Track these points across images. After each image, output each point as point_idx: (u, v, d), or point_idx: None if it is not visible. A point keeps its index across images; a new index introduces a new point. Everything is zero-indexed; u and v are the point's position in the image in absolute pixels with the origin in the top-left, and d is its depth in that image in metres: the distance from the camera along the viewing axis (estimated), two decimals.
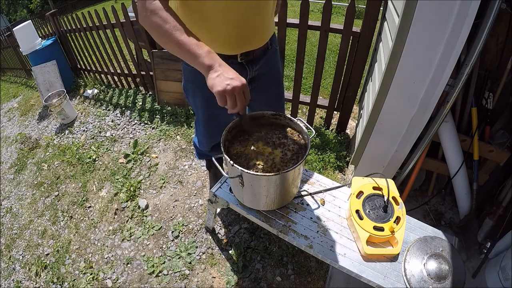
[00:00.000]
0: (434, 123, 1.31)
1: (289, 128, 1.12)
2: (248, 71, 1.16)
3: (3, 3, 19.16)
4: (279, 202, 1.16)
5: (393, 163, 1.51)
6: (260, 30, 1.08)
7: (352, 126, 2.46)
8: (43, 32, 3.98)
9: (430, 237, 1.09)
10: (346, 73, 2.06)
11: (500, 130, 1.48)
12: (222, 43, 1.04)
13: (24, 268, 1.91)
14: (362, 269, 1.03)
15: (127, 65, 3.20)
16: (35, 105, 3.92)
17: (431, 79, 1.13)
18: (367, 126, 1.43)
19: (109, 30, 2.99)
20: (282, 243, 1.68)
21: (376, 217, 1.07)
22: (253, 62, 1.15)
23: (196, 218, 1.91)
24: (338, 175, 2.08)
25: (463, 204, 1.59)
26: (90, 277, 1.72)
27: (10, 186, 2.64)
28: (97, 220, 2.05)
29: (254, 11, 0.99)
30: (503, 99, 1.45)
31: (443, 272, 0.98)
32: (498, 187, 1.48)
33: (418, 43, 1.07)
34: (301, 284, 1.54)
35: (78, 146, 2.77)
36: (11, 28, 6.24)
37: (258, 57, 1.15)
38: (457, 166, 1.50)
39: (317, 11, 6.60)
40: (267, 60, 1.20)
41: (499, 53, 1.38)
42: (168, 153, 2.45)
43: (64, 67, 3.75)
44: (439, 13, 0.97)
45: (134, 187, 2.18)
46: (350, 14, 1.80)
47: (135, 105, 3.12)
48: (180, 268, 1.66)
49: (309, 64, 3.66)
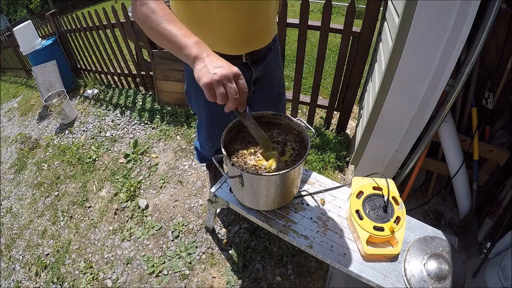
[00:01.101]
0: (434, 123, 1.31)
1: (289, 128, 1.12)
2: (253, 71, 1.16)
3: (3, 3, 19.16)
4: (279, 202, 1.15)
5: (393, 163, 1.51)
6: (264, 29, 1.08)
7: (352, 126, 2.46)
8: (43, 32, 3.98)
9: (430, 237, 1.09)
10: (346, 73, 2.06)
11: (500, 130, 1.48)
12: (227, 44, 1.04)
13: (24, 268, 1.91)
14: (362, 269, 1.03)
15: (127, 65, 3.20)
16: (35, 105, 3.92)
17: (431, 79, 1.13)
18: (367, 126, 1.43)
19: (109, 30, 2.99)
20: (282, 243, 1.68)
21: (376, 217, 1.07)
22: (258, 62, 1.15)
23: (196, 218, 1.91)
24: (338, 175, 2.08)
25: (463, 204, 1.59)
26: (90, 277, 1.72)
27: (10, 186, 2.64)
28: (97, 220, 2.05)
29: (258, 11, 0.99)
30: (503, 99, 1.45)
31: (443, 272, 0.98)
32: (498, 187, 1.48)
33: (418, 43, 1.07)
34: (301, 284, 1.54)
35: (78, 146, 2.77)
36: (11, 28, 6.24)
37: (262, 56, 1.15)
38: (457, 166, 1.50)
39: (317, 11, 6.60)
40: (270, 60, 1.21)
41: (499, 53, 1.38)
42: (168, 153, 2.45)
43: (64, 67, 3.75)
44: (439, 13, 0.97)
45: (134, 187, 2.18)
46: (350, 14, 1.80)
47: (135, 105, 3.12)
48: (180, 268, 1.66)
49: (309, 64, 3.66)
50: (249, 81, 1.20)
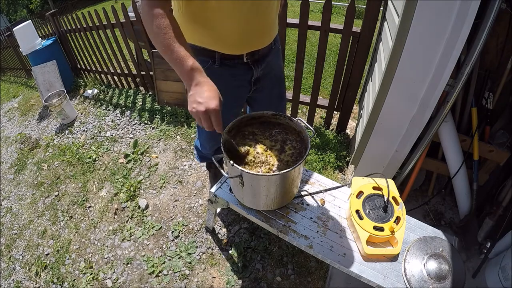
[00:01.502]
0: (434, 123, 1.31)
1: (289, 128, 1.12)
2: (254, 71, 1.16)
3: (3, 3, 19.16)
4: (279, 202, 1.16)
5: (393, 163, 1.51)
6: (265, 30, 1.08)
7: (352, 126, 2.46)
8: (43, 32, 3.98)
9: (430, 237, 1.09)
10: (346, 73, 2.06)
11: (500, 130, 1.48)
12: (227, 43, 1.04)
13: (24, 268, 1.91)
14: (362, 269, 1.03)
15: (127, 65, 3.20)
16: (35, 105, 3.92)
17: (431, 79, 1.13)
18: (367, 126, 1.43)
19: (109, 30, 2.99)
20: (282, 243, 1.68)
21: (376, 217, 1.07)
22: (259, 62, 1.15)
23: (196, 218, 1.91)
24: (338, 175, 2.08)
25: (463, 204, 1.59)
26: (90, 277, 1.72)
27: (10, 186, 2.64)
28: (97, 220, 2.05)
29: (258, 11, 0.98)
30: (503, 99, 1.45)
31: (443, 272, 0.98)
32: (498, 187, 1.48)
33: (418, 43, 1.07)
34: (301, 284, 1.54)
35: (78, 146, 2.77)
36: (11, 28, 6.24)
37: (263, 56, 1.15)
38: (457, 166, 1.50)
39: (317, 11, 6.60)
40: (271, 60, 1.21)
41: (499, 53, 1.38)
42: (168, 153, 2.45)
43: (64, 67, 3.75)
44: (439, 13, 0.97)
45: (134, 187, 2.18)
46: (350, 14, 1.80)
47: (135, 105, 3.12)
48: (180, 268, 1.66)
49: (309, 64, 3.66)
50: (250, 81, 1.21)
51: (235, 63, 1.11)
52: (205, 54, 1.07)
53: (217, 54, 1.06)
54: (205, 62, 1.09)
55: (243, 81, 1.19)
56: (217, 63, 1.09)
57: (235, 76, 1.15)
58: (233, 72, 1.13)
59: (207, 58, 1.08)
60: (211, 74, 0.90)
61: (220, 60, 1.08)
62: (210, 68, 1.09)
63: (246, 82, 1.20)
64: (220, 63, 1.09)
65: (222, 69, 1.11)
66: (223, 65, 1.10)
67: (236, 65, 1.11)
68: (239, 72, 1.15)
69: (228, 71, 1.12)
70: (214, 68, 1.10)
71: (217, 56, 1.07)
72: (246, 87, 1.23)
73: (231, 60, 1.09)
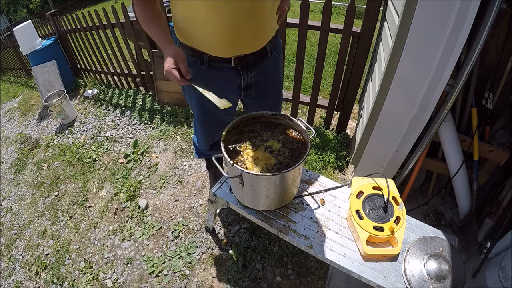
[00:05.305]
0: (434, 123, 1.31)
1: (289, 128, 1.12)
2: (242, 77, 1.13)
3: (3, 3, 19.16)
4: (279, 202, 1.16)
5: (393, 163, 1.51)
6: (256, 32, 1.03)
7: (352, 126, 2.46)
8: (43, 32, 3.98)
9: (430, 237, 1.09)
10: (346, 73, 2.06)
11: (500, 130, 1.47)
12: (214, 44, 1.02)
13: (24, 268, 1.91)
14: (362, 269, 1.03)
15: (127, 65, 3.19)
16: (35, 105, 3.91)
17: (431, 79, 1.13)
18: (367, 126, 1.43)
19: (109, 30, 2.99)
20: (282, 243, 1.68)
21: (376, 217, 1.07)
22: (248, 68, 1.12)
23: (196, 218, 1.91)
24: (338, 175, 2.08)
25: (463, 204, 1.59)
26: (90, 277, 1.72)
27: (10, 186, 2.64)
28: (97, 220, 2.05)
29: (246, 12, 0.94)
30: (503, 99, 1.45)
31: (443, 272, 0.98)
32: (498, 187, 1.48)
33: (418, 43, 1.07)
34: (301, 284, 1.54)
35: (78, 146, 2.77)
36: (11, 28, 6.23)
37: (254, 63, 1.12)
38: (457, 166, 1.50)
39: (317, 11, 6.60)
40: (265, 68, 1.17)
41: (499, 53, 1.38)
42: (168, 153, 2.45)
43: (64, 67, 3.75)
44: (439, 13, 0.97)
45: (134, 187, 2.18)
46: (350, 14, 1.80)
47: (135, 105, 3.12)
48: (180, 268, 1.66)
49: (309, 64, 3.66)
50: (239, 87, 1.18)
51: (223, 66, 1.08)
52: (194, 54, 1.06)
53: (205, 55, 1.05)
54: (194, 62, 1.08)
55: (232, 85, 1.17)
56: (205, 65, 1.08)
57: (223, 80, 1.13)
58: (221, 75, 1.11)
59: (196, 59, 1.07)
60: (200, 74, 0.91)
61: (208, 62, 1.06)
62: (199, 68, 1.08)
63: (235, 87, 1.18)
64: (208, 65, 1.08)
65: (210, 71, 1.09)
66: (211, 67, 1.08)
67: (224, 68, 1.09)
68: (228, 76, 1.12)
69: (216, 73, 1.10)
70: (202, 69, 1.08)
71: (205, 58, 1.06)
72: (235, 92, 1.20)
73: (219, 63, 1.07)
